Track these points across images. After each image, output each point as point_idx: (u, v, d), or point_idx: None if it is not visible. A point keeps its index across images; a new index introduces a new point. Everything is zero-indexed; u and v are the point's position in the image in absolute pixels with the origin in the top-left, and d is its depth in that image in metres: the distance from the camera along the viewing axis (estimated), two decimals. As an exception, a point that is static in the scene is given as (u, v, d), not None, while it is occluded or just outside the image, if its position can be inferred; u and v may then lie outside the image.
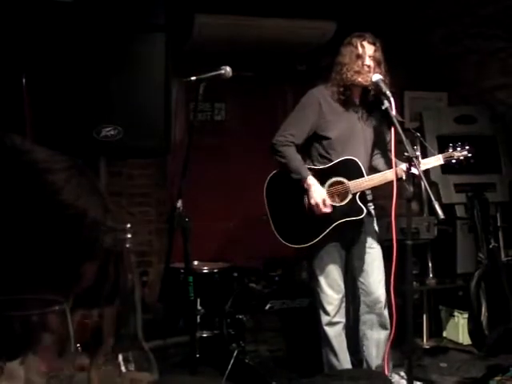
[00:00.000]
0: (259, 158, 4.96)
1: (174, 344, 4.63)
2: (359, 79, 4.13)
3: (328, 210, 4.12)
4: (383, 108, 3.95)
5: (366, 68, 4.12)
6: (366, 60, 4.12)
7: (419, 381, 4.51)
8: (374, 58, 4.13)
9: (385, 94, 3.94)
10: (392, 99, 3.91)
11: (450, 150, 4.20)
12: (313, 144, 4.29)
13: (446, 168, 4.79)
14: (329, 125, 4.22)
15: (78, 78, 3.66)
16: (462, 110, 6.45)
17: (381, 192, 4.39)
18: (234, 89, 5.94)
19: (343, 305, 4.30)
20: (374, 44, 4.15)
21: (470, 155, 4.19)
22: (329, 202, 4.14)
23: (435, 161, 4.22)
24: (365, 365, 4.36)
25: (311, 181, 4.14)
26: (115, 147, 3.77)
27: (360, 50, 4.13)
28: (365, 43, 4.14)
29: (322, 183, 4.17)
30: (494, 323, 5.46)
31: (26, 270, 1.06)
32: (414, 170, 3.71)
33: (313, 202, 4.11)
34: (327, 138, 4.22)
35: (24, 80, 3.53)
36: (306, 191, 4.16)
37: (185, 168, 3.64)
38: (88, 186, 1.16)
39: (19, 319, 0.86)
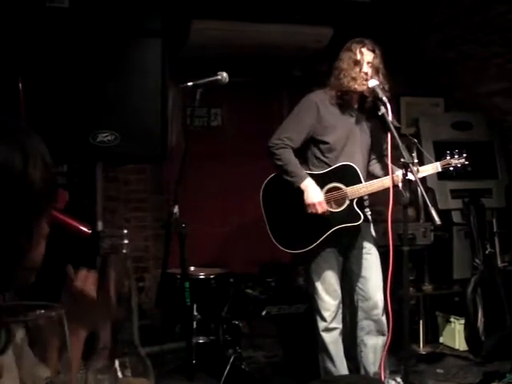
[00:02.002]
0: (255, 163, 4.97)
1: (170, 350, 4.62)
2: (355, 86, 4.12)
3: (324, 210, 4.11)
4: (380, 114, 3.96)
5: (363, 75, 4.11)
6: (363, 67, 4.11)
7: (416, 387, 4.52)
8: (372, 65, 4.12)
9: (381, 100, 3.95)
10: (388, 105, 3.92)
11: (448, 158, 4.20)
12: (310, 148, 4.29)
13: (443, 174, 4.79)
14: (326, 129, 4.21)
15: (75, 83, 3.66)
16: (458, 116, 6.46)
17: (377, 198, 4.39)
18: (230, 94, 5.95)
19: (340, 311, 4.30)
20: (373, 51, 4.14)
21: (467, 162, 4.19)
22: (325, 204, 4.13)
23: (433, 168, 4.22)
24: (362, 371, 4.35)
25: (308, 182, 4.13)
26: (111, 152, 3.76)
27: (358, 56, 4.13)
28: (364, 50, 4.14)
29: (320, 188, 4.17)
30: (491, 329, 5.46)
31: None
32: (410, 176, 3.71)
33: (309, 201, 4.10)
34: (325, 143, 4.21)
35: (20, 84, 3.53)
36: (302, 193, 4.16)
37: (181, 173, 3.64)
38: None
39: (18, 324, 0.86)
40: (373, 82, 4.03)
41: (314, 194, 4.12)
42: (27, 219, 1.23)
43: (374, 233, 4.40)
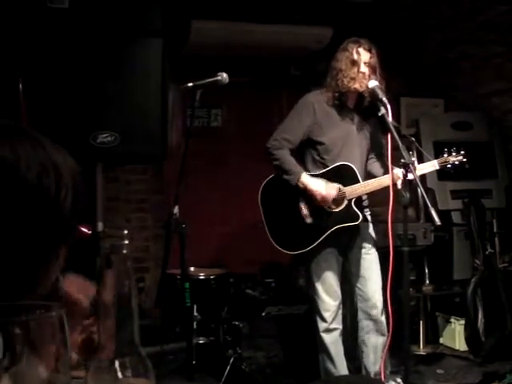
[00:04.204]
0: (256, 163, 4.97)
1: (170, 350, 4.61)
2: (355, 86, 4.13)
3: (335, 193, 4.12)
4: (379, 114, 3.96)
5: (360, 75, 4.12)
6: (361, 67, 4.12)
7: (416, 387, 4.52)
8: (369, 65, 4.13)
9: (381, 101, 3.95)
10: (388, 105, 3.92)
11: (445, 155, 4.20)
12: (307, 150, 4.30)
13: (443, 174, 4.80)
14: (323, 130, 4.22)
15: (75, 84, 3.65)
16: (458, 116, 6.46)
17: (377, 198, 4.39)
18: (230, 94, 5.95)
19: (340, 311, 4.30)
20: (369, 50, 4.15)
21: (464, 160, 4.19)
22: (330, 190, 4.14)
23: (430, 166, 4.22)
24: (363, 371, 4.35)
25: (306, 178, 4.14)
26: (112, 153, 3.76)
27: (355, 56, 4.13)
28: (360, 50, 4.14)
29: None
30: (491, 330, 5.46)
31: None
32: (410, 176, 3.71)
33: (318, 196, 4.11)
34: (321, 144, 4.22)
35: (20, 85, 3.53)
36: (301, 194, 4.16)
37: (181, 174, 3.64)
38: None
39: (17, 324, 0.86)
40: (373, 83, 4.03)
41: (316, 187, 4.12)
42: (49, 250, 1.14)
43: (373, 233, 4.40)
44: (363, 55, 4.14)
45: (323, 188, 4.13)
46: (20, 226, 1.09)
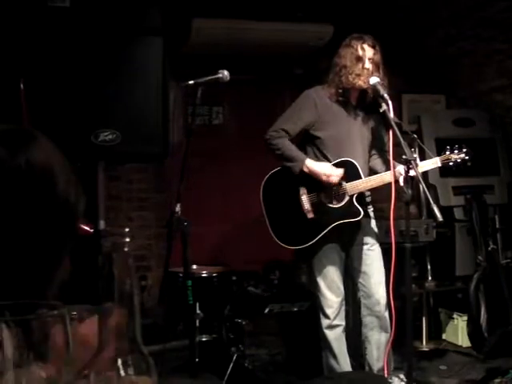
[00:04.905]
0: (257, 161, 4.97)
1: (173, 348, 4.62)
2: (359, 82, 4.12)
3: (340, 173, 4.12)
4: (381, 111, 3.95)
5: (365, 71, 4.11)
6: (366, 63, 4.11)
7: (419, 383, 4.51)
8: (373, 61, 4.12)
9: (382, 97, 3.94)
10: (390, 102, 3.91)
11: (448, 153, 4.19)
12: (309, 146, 4.29)
13: (445, 170, 4.79)
14: (325, 125, 4.22)
15: (76, 83, 3.66)
16: (460, 113, 6.45)
17: (379, 195, 4.38)
18: (231, 92, 5.95)
19: (343, 308, 4.30)
20: (373, 47, 4.14)
21: (467, 158, 4.18)
22: (335, 169, 4.14)
23: (432, 163, 4.21)
24: (367, 368, 4.35)
25: (310, 162, 4.14)
26: (113, 152, 3.76)
27: (360, 52, 4.12)
28: (365, 46, 4.13)
29: (320, 185, 4.17)
30: (494, 326, 5.45)
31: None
32: (412, 173, 3.70)
33: (322, 176, 4.10)
34: (323, 139, 4.22)
35: (22, 85, 3.53)
36: (303, 189, 4.16)
37: (183, 172, 3.64)
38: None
39: (19, 324, 0.86)
40: (374, 79, 4.02)
41: (321, 168, 4.12)
42: (63, 247, 1.19)
43: (376, 229, 4.39)
44: (368, 51, 4.13)
45: (328, 168, 4.12)
46: (44, 227, 1.14)
